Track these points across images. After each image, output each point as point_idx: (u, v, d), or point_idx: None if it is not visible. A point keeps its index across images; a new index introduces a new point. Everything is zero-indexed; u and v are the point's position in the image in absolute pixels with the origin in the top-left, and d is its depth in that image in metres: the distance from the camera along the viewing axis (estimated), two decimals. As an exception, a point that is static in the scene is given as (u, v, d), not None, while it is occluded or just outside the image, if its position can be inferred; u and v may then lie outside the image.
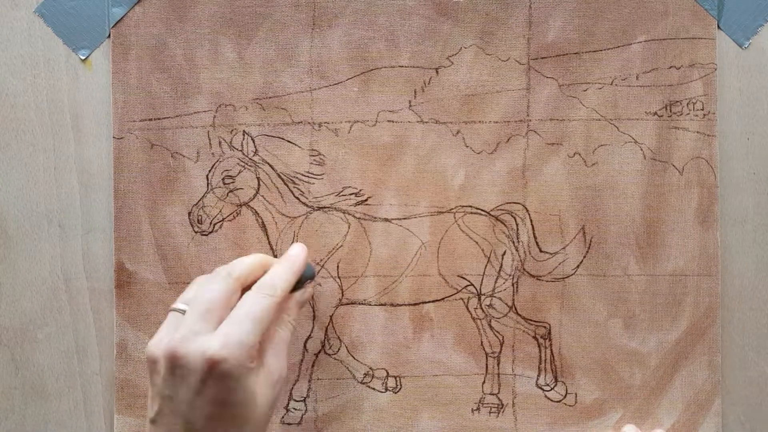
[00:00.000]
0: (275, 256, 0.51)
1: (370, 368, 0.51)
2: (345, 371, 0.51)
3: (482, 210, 0.51)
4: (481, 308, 0.51)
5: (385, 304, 0.51)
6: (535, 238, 0.51)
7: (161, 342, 0.41)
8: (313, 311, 0.51)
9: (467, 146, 0.51)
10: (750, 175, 0.51)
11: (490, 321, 0.51)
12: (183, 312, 0.42)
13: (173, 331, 0.41)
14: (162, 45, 0.50)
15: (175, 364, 0.40)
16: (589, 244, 0.51)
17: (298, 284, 0.46)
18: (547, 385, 0.51)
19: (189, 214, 0.51)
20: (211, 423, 0.40)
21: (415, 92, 0.51)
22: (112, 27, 0.50)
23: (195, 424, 0.40)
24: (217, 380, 0.39)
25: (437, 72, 0.51)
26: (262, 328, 0.41)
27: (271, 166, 0.51)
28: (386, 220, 0.51)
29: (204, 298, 0.41)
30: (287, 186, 0.51)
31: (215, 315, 0.41)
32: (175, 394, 0.40)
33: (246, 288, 0.43)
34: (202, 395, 0.40)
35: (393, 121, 0.51)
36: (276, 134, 0.51)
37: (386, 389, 0.51)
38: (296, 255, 0.46)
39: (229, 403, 0.40)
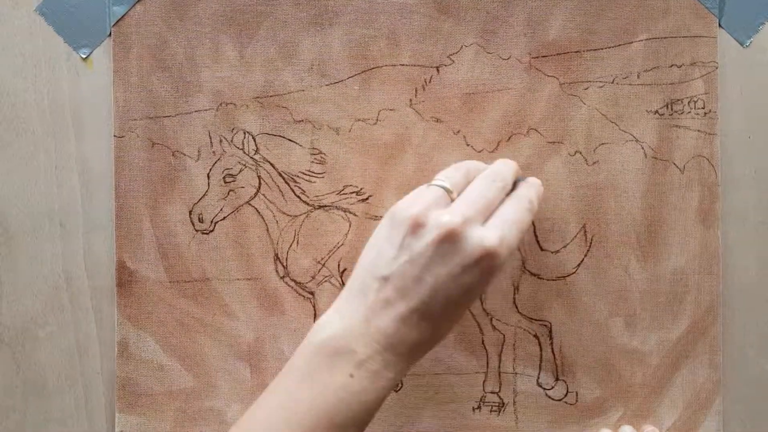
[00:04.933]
0: (276, 256, 0.51)
1: (371, 367, 0.51)
2: (346, 370, 0.51)
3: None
4: (483, 307, 0.51)
5: (386, 303, 0.51)
6: (536, 236, 0.51)
7: (430, 211, 0.41)
8: (315, 311, 0.51)
9: (468, 145, 0.51)
10: (751, 174, 0.51)
11: (492, 319, 0.51)
12: (447, 191, 0.42)
13: (441, 207, 0.41)
14: (163, 43, 0.50)
15: (449, 240, 0.40)
16: (590, 243, 0.51)
17: None
18: (548, 383, 0.51)
19: (190, 212, 0.51)
20: (448, 306, 0.40)
21: (416, 91, 0.51)
22: (113, 26, 0.50)
23: (436, 302, 0.40)
24: (480, 271, 0.40)
25: (438, 70, 0.51)
26: (521, 239, 0.44)
27: (272, 164, 0.51)
28: (387, 218, 0.51)
29: (482, 196, 0.42)
30: (288, 185, 0.51)
31: (487, 215, 0.41)
32: (432, 267, 0.40)
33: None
34: (457, 279, 0.40)
35: (394, 120, 0.51)
36: (277, 133, 0.51)
37: (387, 388, 0.51)
38: (539, 184, 0.46)
39: (473, 295, 0.41)
